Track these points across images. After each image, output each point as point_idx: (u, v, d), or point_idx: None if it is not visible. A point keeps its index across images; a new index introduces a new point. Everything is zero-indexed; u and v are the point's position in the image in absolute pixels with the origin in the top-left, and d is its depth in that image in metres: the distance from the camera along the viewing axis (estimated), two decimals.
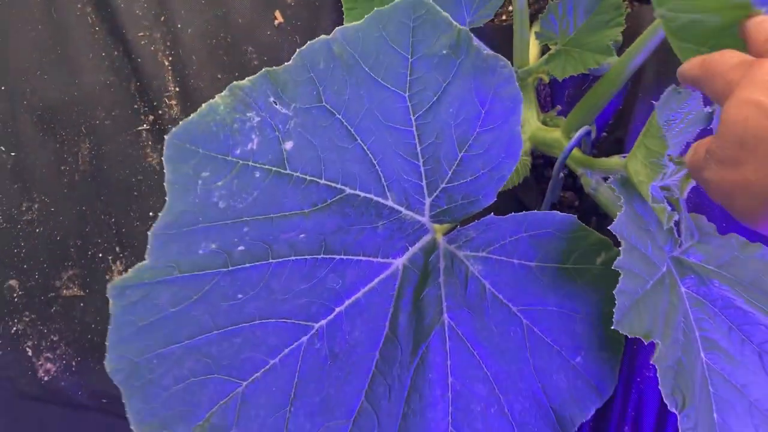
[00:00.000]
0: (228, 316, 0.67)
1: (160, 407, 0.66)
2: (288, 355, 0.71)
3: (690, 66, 0.53)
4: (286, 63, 0.59)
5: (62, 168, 1.10)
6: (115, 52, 1.12)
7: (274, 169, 0.63)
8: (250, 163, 0.61)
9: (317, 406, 0.72)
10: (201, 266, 0.64)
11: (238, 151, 0.60)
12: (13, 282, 1.09)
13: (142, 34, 1.11)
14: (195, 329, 0.65)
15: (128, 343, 0.63)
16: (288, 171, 0.64)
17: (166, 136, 0.57)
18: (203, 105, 0.57)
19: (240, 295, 0.67)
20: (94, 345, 1.09)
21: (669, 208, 0.74)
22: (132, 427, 0.65)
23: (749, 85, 0.42)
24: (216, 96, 0.58)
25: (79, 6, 1.13)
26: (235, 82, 0.58)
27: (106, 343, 0.62)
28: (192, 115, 0.57)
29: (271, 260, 0.67)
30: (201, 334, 0.66)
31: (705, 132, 0.79)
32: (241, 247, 0.65)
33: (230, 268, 0.66)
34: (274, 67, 0.58)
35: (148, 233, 0.60)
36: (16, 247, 1.09)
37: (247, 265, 0.66)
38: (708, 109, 0.72)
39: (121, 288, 0.62)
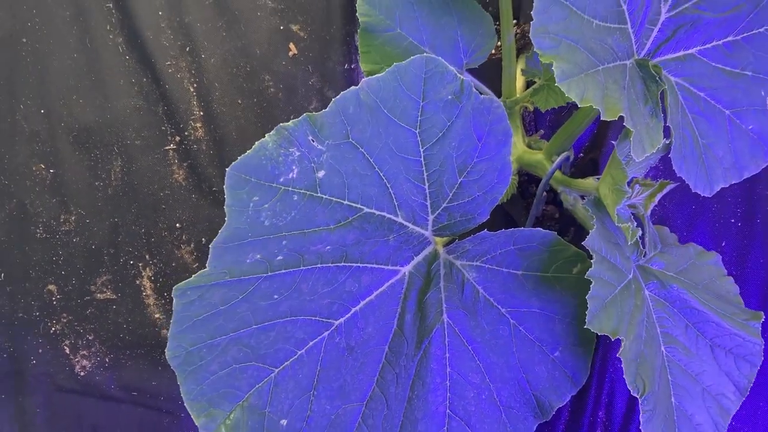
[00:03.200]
0: (266, 313, 0.80)
1: (208, 388, 0.79)
2: (313, 347, 0.84)
3: None
4: (314, 109, 0.72)
5: (96, 183, 1.22)
6: (144, 79, 1.24)
7: (308, 193, 0.76)
8: (290, 189, 0.75)
9: (336, 391, 0.85)
10: (247, 272, 0.77)
11: (281, 179, 0.73)
12: (52, 287, 1.21)
13: (169, 63, 1.24)
14: (239, 324, 0.79)
15: (184, 334, 0.76)
16: (319, 194, 0.77)
17: (227, 169, 0.70)
18: (256, 143, 0.70)
19: (276, 296, 0.80)
20: (125, 343, 1.21)
21: (634, 225, 0.88)
22: (185, 405, 0.78)
23: None
24: (266, 135, 0.71)
25: (111, 37, 1.25)
26: (281, 124, 0.71)
27: (168, 335, 0.75)
28: (248, 151, 0.70)
29: (302, 267, 0.80)
30: (243, 328, 0.79)
31: (665, 159, 0.93)
32: (279, 257, 0.78)
33: (269, 274, 0.79)
34: (313, 112, 0.71)
35: (210, 246, 0.73)
36: (54, 255, 1.21)
37: (283, 271, 0.79)
38: (666, 140, 0.87)
39: (184, 289, 0.75)
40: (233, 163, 0.70)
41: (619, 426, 1.15)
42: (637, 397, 0.83)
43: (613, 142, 0.85)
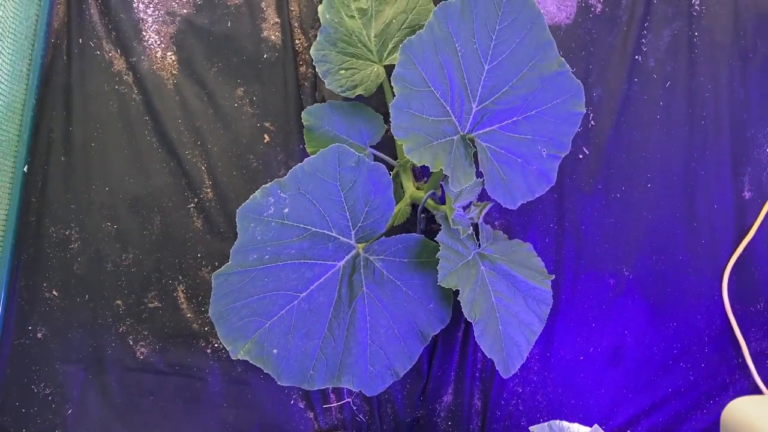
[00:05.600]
0: (261, 289, 1.44)
1: (231, 332, 1.43)
2: (289, 309, 1.49)
3: None
4: (281, 175, 1.39)
5: (144, 232, 1.87)
6: (172, 163, 1.90)
7: (280, 221, 1.42)
8: (270, 219, 1.41)
9: (304, 334, 1.49)
10: (249, 265, 1.42)
11: (265, 214, 1.40)
12: (119, 301, 1.85)
13: (187, 152, 1.90)
14: (246, 295, 1.43)
15: (218, 301, 1.41)
16: (286, 221, 1.43)
17: (237, 210, 1.36)
18: (250, 196, 1.37)
19: (266, 279, 1.45)
20: (168, 335, 1.84)
21: (469, 227, 1.55)
22: (221, 339, 1.42)
23: None
24: (255, 191, 1.37)
25: (148, 138, 1.91)
26: (263, 185, 1.37)
27: (211, 301, 1.40)
28: (247, 200, 1.36)
29: (279, 263, 1.46)
30: (249, 297, 1.44)
31: (484, 192, 1.61)
32: (266, 256, 1.43)
33: (261, 267, 1.44)
34: (281, 178, 1.38)
35: (230, 251, 1.39)
36: (119, 281, 1.85)
37: (269, 265, 1.44)
38: (480, 179, 1.54)
39: (218, 275, 1.40)
40: (240, 206, 1.37)
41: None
42: (471, 321, 1.49)
43: (441, 182, 1.53)
